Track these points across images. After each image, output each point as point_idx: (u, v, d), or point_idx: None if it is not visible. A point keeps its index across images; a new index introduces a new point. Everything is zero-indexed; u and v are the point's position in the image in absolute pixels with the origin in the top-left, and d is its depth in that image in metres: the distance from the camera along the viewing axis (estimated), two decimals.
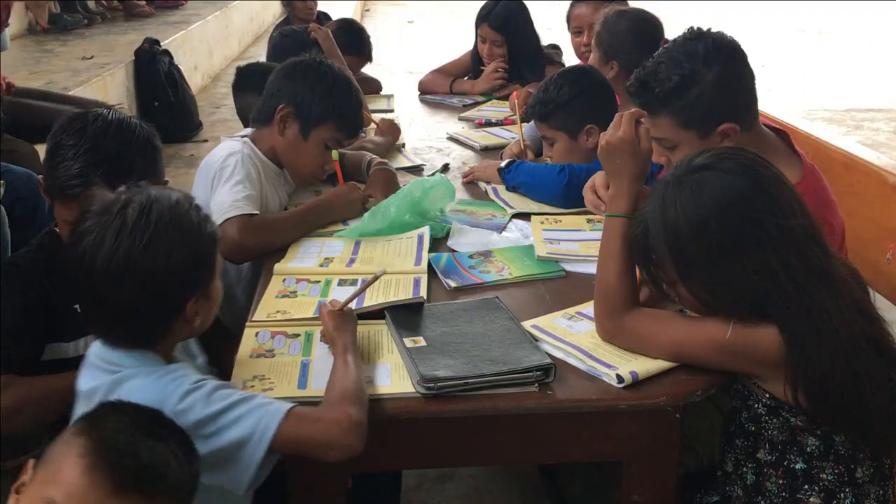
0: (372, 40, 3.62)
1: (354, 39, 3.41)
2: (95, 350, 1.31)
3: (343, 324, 1.47)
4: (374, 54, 3.61)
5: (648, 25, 2.61)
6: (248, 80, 2.63)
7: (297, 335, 1.55)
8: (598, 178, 1.90)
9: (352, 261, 1.90)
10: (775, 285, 1.32)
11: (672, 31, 2.08)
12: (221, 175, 2.02)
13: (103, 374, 1.27)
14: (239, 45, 7.57)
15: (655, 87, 1.67)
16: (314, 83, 2.12)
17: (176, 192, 1.32)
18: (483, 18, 3.42)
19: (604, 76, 2.36)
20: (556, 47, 3.69)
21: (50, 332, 1.60)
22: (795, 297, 1.31)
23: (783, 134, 1.82)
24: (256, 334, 1.56)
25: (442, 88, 3.53)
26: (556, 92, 2.29)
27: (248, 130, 2.24)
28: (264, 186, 2.11)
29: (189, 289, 1.29)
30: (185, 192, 1.35)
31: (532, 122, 2.46)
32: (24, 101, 2.96)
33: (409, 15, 13.46)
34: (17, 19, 5.24)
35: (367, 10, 14.13)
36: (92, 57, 4.64)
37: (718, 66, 1.66)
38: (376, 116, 2.93)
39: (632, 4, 2.97)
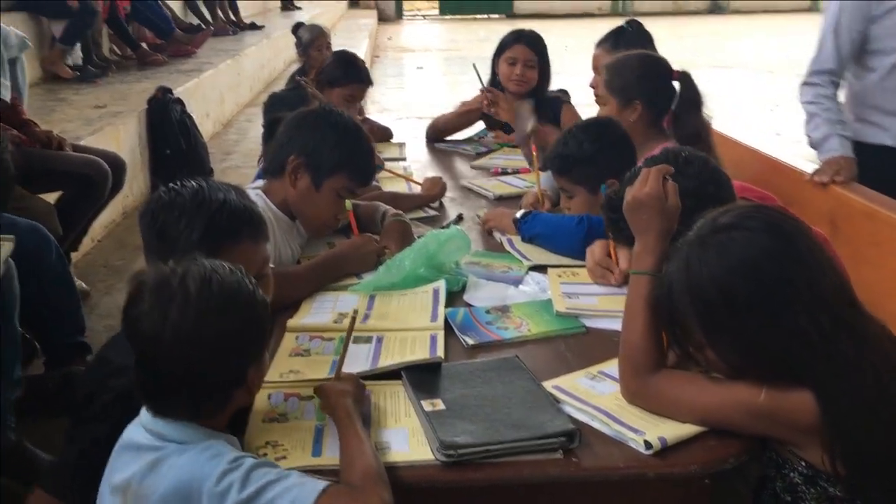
0: (382, 86, 3.61)
1: (352, 68, 3.40)
2: (140, 424, 1.27)
3: (341, 388, 1.42)
4: (384, 100, 3.61)
5: (656, 61, 2.58)
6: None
7: (311, 397, 1.49)
8: (596, 249, 1.87)
9: (366, 316, 1.85)
10: (808, 347, 1.26)
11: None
12: None
13: (138, 457, 1.23)
14: (250, 91, 7.64)
15: None
16: (325, 133, 2.09)
17: (222, 265, 1.29)
18: (516, 39, 3.38)
19: (622, 129, 2.33)
20: (564, 92, 3.68)
21: None
22: (829, 359, 1.26)
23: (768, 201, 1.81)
24: (269, 396, 1.50)
25: (453, 127, 3.50)
26: (576, 146, 2.25)
27: (260, 182, 2.21)
28: (276, 239, 2.07)
29: (250, 356, 1.28)
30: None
31: (549, 171, 2.42)
32: (32, 150, 2.94)
33: (419, 61, 13.61)
34: (33, 68, 5.29)
35: (377, 56, 14.29)
36: (105, 106, 4.67)
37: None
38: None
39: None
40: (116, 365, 1.45)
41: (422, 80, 11.53)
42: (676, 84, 2.51)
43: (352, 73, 3.32)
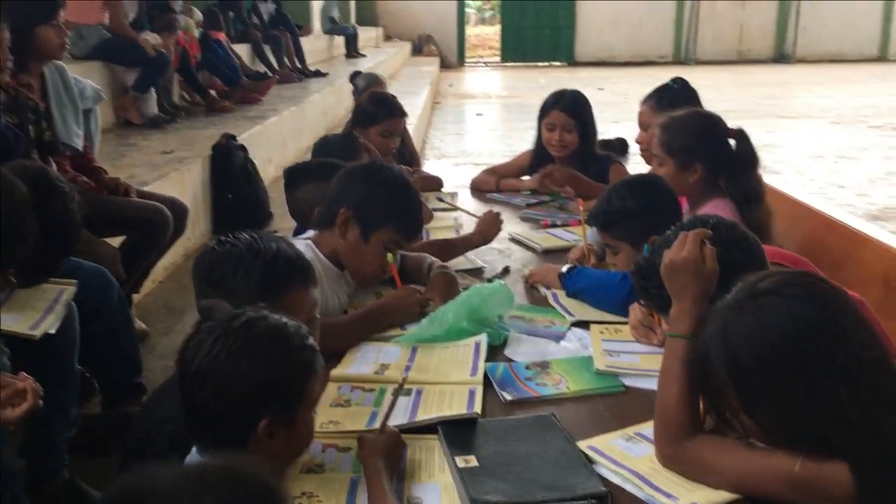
0: (441, 132, 3.71)
1: (385, 105, 3.50)
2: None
3: (376, 444, 1.45)
4: (442, 146, 3.70)
5: (713, 121, 2.56)
6: (298, 178, 2.67)
7: (349, 448, 1.53)
8: (639, 307, 1.88)
9: (408, 368, 1.88)
10: (845, 419, 1.25)
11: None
12: None
13: None
14: (312, 137, 7.80)
15: None
16: (374, 187, 2.16)
17: (291, 319, 1.33)
18: (553, 105, 3.45)
19: (667, 186, 2.34)
20: (622, 141, 3.70)
21: None
22: (867, 433, 1.24)
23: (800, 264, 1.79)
24: None
25: (489, 187, 3.57)
26: (619, 203, 2.27)
27: (312, 233, 2.28)
28: (324, 289, 2.13)
29: (265, 407, 1.27)
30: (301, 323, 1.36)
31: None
32: (100, 196, 3.08)
33: (479, 108, 13.76)
34: (107, 114, 5.54)
35: (437, 103, 14.50)
36: (172, 151, 4.85)
37: None
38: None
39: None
40: (168, 412, 1.50)
41: (481, 127, 11.66)
42: (732, 141, 2.51)
43: (385, 110, 3.43)
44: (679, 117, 2.56)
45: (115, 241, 3.14)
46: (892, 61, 21.74)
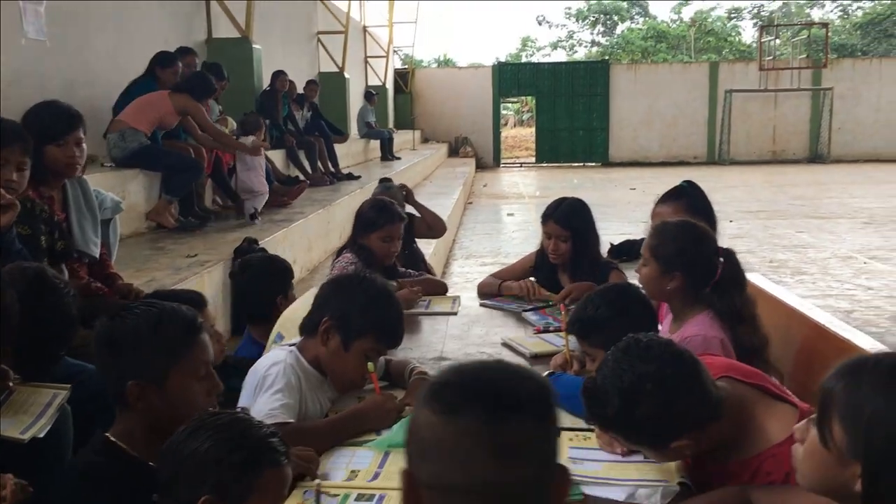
0: (471, 232, 3.84)
1: (384, 212, 3.66)
2: None
3: None
4: (472, 245, 3.84)
5: (700, 235, 2.59)
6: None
7: None
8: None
9: (376, 475, 1.94)
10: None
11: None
12: (263, 383, 2.15)
13: None
14: (340, 238, 8.02)
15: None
16: (355, 298, 2.26)
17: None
18: (549, 216, 3.59)
19: (641, 294, 2.40)
20: (633, 243, 3.79)
21: None
22: None
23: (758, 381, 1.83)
24: None
25: (492, 290, 3.66)
26: (594, 311, 2.34)
27: (297, 339, 2.39)
28: (305, 394, 2.22)
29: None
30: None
31: None
32: (105, 298, 3.22)
33: (511, 208, 14.00)
34: (137, 219, 5.80)
35: (471, 203, 14.78)
36: (196, 255, 5.05)
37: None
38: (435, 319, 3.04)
39: None
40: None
41: (511, 227, 11.85)
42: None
43: (384, 217, 3.58)
44: (671, 224, 2.62)
45: None
46: None
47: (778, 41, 34.02)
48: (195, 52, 7.37)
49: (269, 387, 2.13)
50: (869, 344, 2.65)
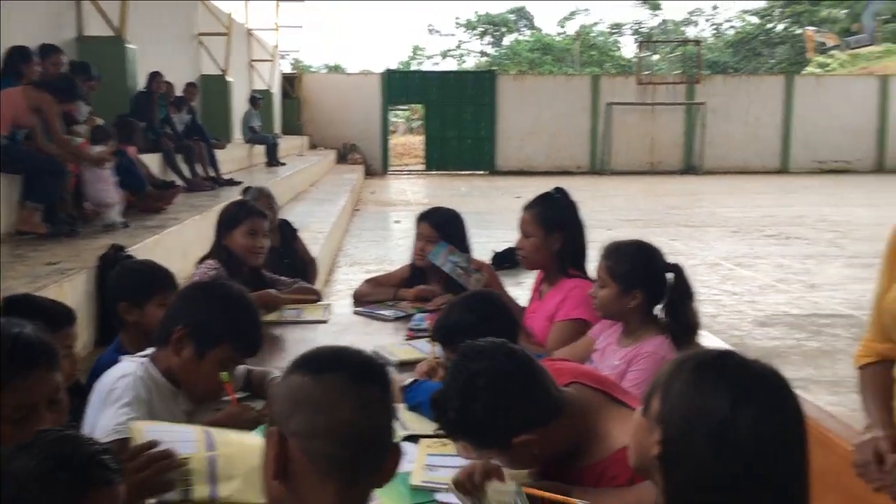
0: (356, 239, 3.81)
1: (245, 207, 3.63)
2: None
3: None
4: (356, 253, 3.84)
5: (653, 253, 2.60)
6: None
7: None
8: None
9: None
10: None
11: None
12: (110, 397, 2.05)
13: None
14: None
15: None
16: (209, 305, 2.18)
17: None
18: (423, 217, 3.66)
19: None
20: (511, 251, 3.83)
21: None
22: None
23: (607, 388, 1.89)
24: None
25: (369, 298, 3.67)
26: (458, 317, 2.36)
27: (150, 350, 2.29)
28: (155, 407, 2.12)
29: None
30: None
31: None
32: None
33: (398, 215, 14.01)
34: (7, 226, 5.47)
35: (357, 210, 14.70)
36: (58, 262, 4.80)
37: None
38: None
39: None
40: None
41: (397, 234, 11.84)
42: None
43: (244, 211, 3.54)
44: (624, 244, 2.61)
45: None
46: (793, 173, 23.04)
47: (656, 57, 35.47)
48: (62, 51, 7.02)
49: (116, 400, 2.03)
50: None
